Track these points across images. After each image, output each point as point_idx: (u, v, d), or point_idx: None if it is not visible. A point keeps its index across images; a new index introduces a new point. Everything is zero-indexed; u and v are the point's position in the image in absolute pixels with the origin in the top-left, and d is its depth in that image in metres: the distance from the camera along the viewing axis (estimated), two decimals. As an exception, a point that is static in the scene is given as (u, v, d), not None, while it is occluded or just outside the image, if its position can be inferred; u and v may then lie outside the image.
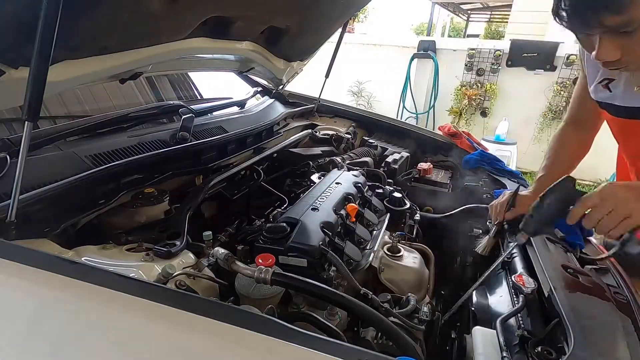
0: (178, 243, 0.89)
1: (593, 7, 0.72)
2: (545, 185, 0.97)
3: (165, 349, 0.58)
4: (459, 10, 12.37)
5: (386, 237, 1.20)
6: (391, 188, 1.41)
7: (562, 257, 0.95)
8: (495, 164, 1.61)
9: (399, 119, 4.75)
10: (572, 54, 5.04)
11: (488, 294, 0.96)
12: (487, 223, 1.31)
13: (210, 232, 1.01)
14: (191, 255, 0.91)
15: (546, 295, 0.80)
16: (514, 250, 1.03)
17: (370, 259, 1.03)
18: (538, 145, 5.50)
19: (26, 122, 0.75)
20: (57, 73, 0.95)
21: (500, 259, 1.02)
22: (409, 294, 0.95)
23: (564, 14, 0.76)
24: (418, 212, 1.39)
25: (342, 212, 1.08)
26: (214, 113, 1.62)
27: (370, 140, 1.95)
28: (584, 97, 1.13)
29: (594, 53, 0.80)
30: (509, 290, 0.90)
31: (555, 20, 0.80)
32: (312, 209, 1.04)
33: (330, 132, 1.94)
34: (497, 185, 1.55)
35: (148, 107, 1.41)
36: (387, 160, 1.73)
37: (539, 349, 0.68)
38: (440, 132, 1.97)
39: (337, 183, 1.25)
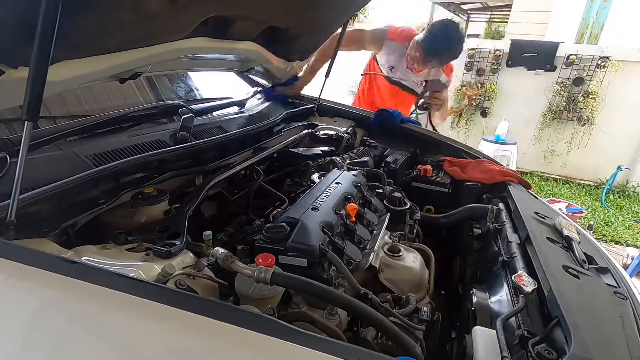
0: (178, 243, 0.89)
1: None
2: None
3: (164, 348, 0.58)
4: (459, 10, 12.37)
5: (386, 237, 1.20)
6: (391, 188, 1.41)
7: (562, 257, 0.95)
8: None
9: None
10: (572, 54, 5.04)
11: (488, 294, 0.96)
12: (487, 224, 1.31)
13: (210, 232, 1.01)
14: (191, 255, 0.90)
15: (546, 295, 0.80)
16: (514, 250, 1.03)
17: (370, 259, 1.03)
18: (538, 145, 5.51)
19: (26, 122, 0.75)
20: (57, 73, 0.95)
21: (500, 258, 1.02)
22: (409, 294, 0.95)
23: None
24: (418, 212, 1.39)
25: (342, 212, 1.08)
26: (214, 113, 1.62)
27: (370, 140, 1.95)
28: (347, 42, 2.16)
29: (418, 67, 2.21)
30: (509, 290, 0.90)
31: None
32: (312, 209, 1.04)
33: (330, 132, 1.94)
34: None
35: (148, 107, 1.41)
36: (387, 160, 1.73)
37: (539, 348, 0.68)
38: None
39: (337, 183, 1.25)
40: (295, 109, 2.05)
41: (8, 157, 0.86)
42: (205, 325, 0.57)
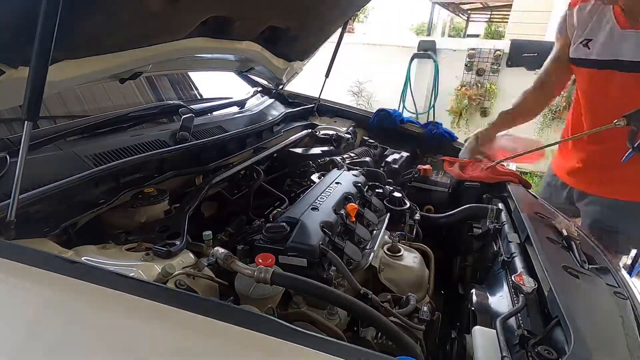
0: (178, 243, 0.89)
1: None
2: (503, 122, 1.83)
3: (165, 348, 0.58)
4: (459, 10, 12.38)
5: (386, 237, 1.20)
6: (391, 188, 1.41)
7: (562, 257, 0.95)
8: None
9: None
10: (572, 54, 5.03)
11: (488, 294, 0.96)
12: (487, 223, 1.31)
13: (210, 232, 1.01)
14: (191, 255, 0.91)
15: (546, 295, 0.80)
16: (514, 250, 1.03)
17: (370, 258, 1.03)
18: (538, 145, 5.50)
19: (26, 122, 0.75)
20: (57, 73, 0.95)
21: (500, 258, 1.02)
22: (409, 294, 0.95)
23: None
24: (418, 212, 1.39)
25: (342, 212, 1.08)
26: (214, 113, 1.62)
27: (370, 140, 1.95)
28: (552, 68, 1.65)
29: None
30: (509, 290, 0.90)
31: None
32: (312, 209, 1.04)
33: (330, 132, 1.94)
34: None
35: (148, 107, 1.40)
36: (387, 160, 1.73)
37: (539, 348, 0.68)
38: None
39: (337, 183, 1.25)
40: (295, 109, 2.05)
41: (8, 157, 0.86)
42: (205, 325, 0.57)
